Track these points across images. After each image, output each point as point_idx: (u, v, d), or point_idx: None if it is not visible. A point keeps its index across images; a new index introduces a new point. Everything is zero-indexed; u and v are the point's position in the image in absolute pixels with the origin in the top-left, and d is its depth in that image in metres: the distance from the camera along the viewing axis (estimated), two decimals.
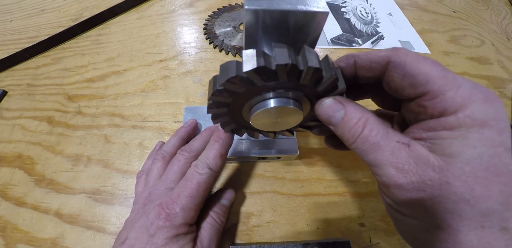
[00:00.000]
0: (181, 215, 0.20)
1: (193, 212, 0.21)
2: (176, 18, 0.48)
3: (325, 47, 0.45)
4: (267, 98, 0.19)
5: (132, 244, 0.20)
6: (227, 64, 0.17)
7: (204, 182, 0.22)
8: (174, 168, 0.24)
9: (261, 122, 0.21)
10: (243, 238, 0.26)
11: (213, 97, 0.18)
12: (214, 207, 0.25)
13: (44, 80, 0.38)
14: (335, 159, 0.32)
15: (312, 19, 0.16)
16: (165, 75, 0.39)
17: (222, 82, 0.16)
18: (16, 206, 0.28)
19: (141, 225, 0.20)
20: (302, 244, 0.24)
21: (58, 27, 0.44)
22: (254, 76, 0.16)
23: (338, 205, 0.29)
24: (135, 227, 0.21)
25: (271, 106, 0.19)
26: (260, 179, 0.30)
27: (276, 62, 0.15)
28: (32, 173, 0.30)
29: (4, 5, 0.50)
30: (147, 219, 0.21)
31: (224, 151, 0.23)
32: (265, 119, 0.21)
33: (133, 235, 0.20)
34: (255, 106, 0.20)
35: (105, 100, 0.36)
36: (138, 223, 0.21)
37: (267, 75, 0.16)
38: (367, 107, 0.17)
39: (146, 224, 0.20)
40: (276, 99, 0.19)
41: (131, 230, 0.21)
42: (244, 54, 0.15)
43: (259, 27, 0.17)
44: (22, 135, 0.33)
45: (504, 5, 0.60)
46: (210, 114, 0.20)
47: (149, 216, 0.21)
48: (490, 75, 0.45)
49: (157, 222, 0.20)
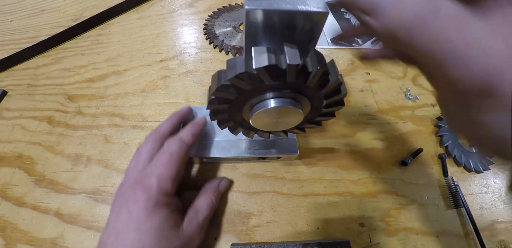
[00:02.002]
0: (156, 185, 0.21)
1: (169, 182, 0.22)
2: (176, 18, 0.48)
3: (325, 47, 0.45)
4: (270, 97, 0.19)
5: (115, 227, 0.20)
6: (235, 60, 0.17)
7: (176, 152, 0.23)
8: (142, 152, 0.24)
9: (261, 122, 0.21)
10: (243, 238, 0.26)
11: (217, 93, 0.17)
12: (212, 190, 0.26)
13: (44, 80, 0.38)
14: (335, 159, 0.32)
15: (312, 19, 0.16)
16: (165, 75, 0.39)
17: (229, 78, 0.16)
18: (16, 206, 0.28)
19: (121, 206, 0.21)
20: (302, 244, 0.24)
21: (58, 27, 0.44)
22: (264, 74, 0.16)
23: (338, 205, 0.29)
24: (115, 211, 0.21)
25: (274, 106, 0.19)
26: (260, 179, 0.30)
27: (288, 61, 0.15)
28: (32, 173, 0.30)
29: (4, 5, 0.50)
30: (125, 199, 0.21)
31: (196, 131, 0.26)
32: (266, 119, 0.20)
33: (114, 218, 0.21)
34: (257, 105, 0.19)
35: (105, 100, 0.36)
36: (117, 206, 0.22)
37: (276, 74, 0.16)
38: None
39: (125, 205, 0.21)
40: (280, 99, 0.19)
41: (111, 215, 0.22)
42: (254, 50, 0.15)
43: (259, 27, 0.17)
44: (22, 135, 0.33)
45: None
46: (209, 111, 0.20)
47: (126, 196, 0.22)
48: None
49: (134, 197, 0.21)
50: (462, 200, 0.29)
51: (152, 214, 0.20)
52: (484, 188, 0.32)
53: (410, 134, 0.35)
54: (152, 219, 0.20)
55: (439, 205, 0.30)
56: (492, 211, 0.30)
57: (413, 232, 0.28)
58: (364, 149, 0.33)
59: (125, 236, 0.19)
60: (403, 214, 0.29)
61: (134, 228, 0.20)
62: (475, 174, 0.33)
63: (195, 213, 0.24)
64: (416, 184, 0.31)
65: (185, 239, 0.22)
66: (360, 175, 0.31)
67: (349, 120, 0.36)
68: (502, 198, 0.31)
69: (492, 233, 0.29)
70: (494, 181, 0.33)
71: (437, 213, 0.29)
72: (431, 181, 0.32)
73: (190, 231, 0.22)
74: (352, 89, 0.39)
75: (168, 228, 0.21)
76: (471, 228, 0.28)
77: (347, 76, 0.41)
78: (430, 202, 0.30)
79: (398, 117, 0.37)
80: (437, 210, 0.30)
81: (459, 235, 0.28)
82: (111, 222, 0.21)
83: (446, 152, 0.34)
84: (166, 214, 0.21)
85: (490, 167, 0.33)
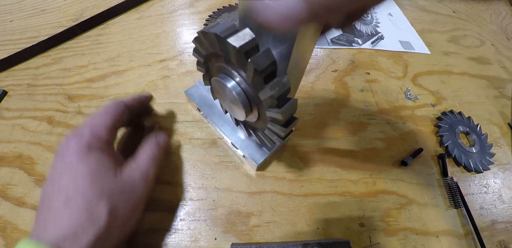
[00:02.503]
0: (88, 131, 0.22)
1: (103, 129, 0.23)
2: (176, 18, 0.48)
3: (325, 47, 0.45)
4: (220, 71, 0.21)
5: (51, 177, 0.21)
6: (223, 25, 0.18)
7: (111, 105, 0.25)
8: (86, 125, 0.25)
9: (217, 91, 0.23)
10: (243, 238, 0.26)
11: (195, 41, 0.21)
12: (151, 144, 0.26)
13: (44, 80, 0.38)
14: (335, 159, 0.32)
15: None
16: (165, 75, 0.39)
17: (202, 31, 0.19)
18: (16, 206, 0.28)
19: (56, 159, 0.21)
20: (302, 244, 0.24)
21: (58, 27, 0.44)
22: (214, 41, 0.17)
23: (338, 205, 0.29)
24: (52, 165, 0.21)
25: (216, 78, 0.21)
26: (260, 179, 0.30)
27: (211, 29, 0.17)
28: (32, 173, 0.30)
29: (4, 5, 0.50)
30: (60, 150, 0.22)
31: (137, 96, 0.28)
32: (219, 91, 0.22)
33: (50, 171, 0.21)
34: (218, 74, 0.21)
35: (105, 100, 0.36)
36: (53, 161, 0.22)
37: (224, 49, 0.17)
38: None
39: (59, 155, 0.21)
40: (223, 74, 0.21)
41: (50, 170, 0.22)
42: (222, 22, 0.17)
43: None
44: (22, 135, 0.33)
45: (504, 5, 0.61)
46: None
47: (60, 148, 0.22)
48: (490, 75, 0.45)
49: (67, 145, 0.21)
50: (462, 200, 0.29)
51: (85, 156, 0.20)
52: (484, 188, 0.32)
53: (410, 134, 0.35)
54: (85, 161, 0.20)
55: (439, 205, 0.30)
56: (492, 211, 0.30)
57: (413, 232, 0.28)
58: (364, 149, 0.33)
59: (60, 182, 0.19)
60: (403, 214, 0.29)
61: (68, 172, 0.20)
62: (475, 174, 0.33)
63: (135, 163, 0.23)
64: (416, 184, 0.31)
65: (123, 184, 0.21)
66: (360, 175, 0.31)
67: (349, 120, 0.36)
68: (502, 198, 0.31)
69: (492, 233, 0.29)
70: (494, 181, 0.33)
71: (437, 213, 0.29)
72: (431, 181, 0.32)
73: (130, 178, 0.22)
74: (352, 89, 0.39)
75: (104, 170, 0.20)
76: (471, 228, 0.28)
77: (347, 76, 0.41)
78: (430, 202, 0.30)
79: (398, 117, 0.37)
80: (437, 210, 0.30)
81: (459, 235, 0.28)
82: (48, 175, 0.21)
83: (446, 152, 0.34)
84: (100, 157, 0.21)
85: (490, 167, 0.33)
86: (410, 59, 0.45)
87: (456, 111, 0.37)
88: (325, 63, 0.42)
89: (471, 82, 0.43)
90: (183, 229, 0.27)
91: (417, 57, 0.45)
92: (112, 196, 0.20)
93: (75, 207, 0.18)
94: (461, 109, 0.38)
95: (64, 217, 0.18)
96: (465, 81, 0.43)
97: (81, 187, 0.19)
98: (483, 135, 0.36)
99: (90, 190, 0.19)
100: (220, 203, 0.28)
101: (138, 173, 0.23)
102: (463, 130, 0.36)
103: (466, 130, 0.36)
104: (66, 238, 0.17)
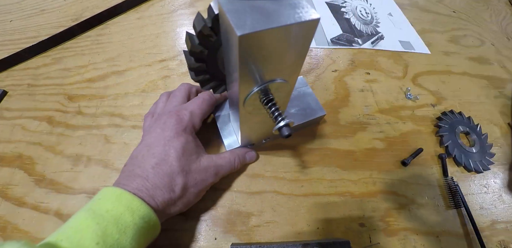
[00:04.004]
0: (188, 117, 0.26)
1: (198, 119, 0.27)
2: (176, 18, 0.48)
3: (325, 47, 0.45)
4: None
5: (147, 143, 0.24)
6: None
7: (206, 100, 0.28)
8: (177, 95, 0.29)
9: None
10: (243, 238, 0.26)
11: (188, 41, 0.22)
12: (238, 153, 0.29)
13: (44, 80, 0.38)
14: (335, 159, 0.32)
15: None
16: (165, 75, 0.39)
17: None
18: (16, 206, 0.28)
19: (155, 127, 0.25)
20: (302, 244, 0.24)
21: (58, 27, 0.44)
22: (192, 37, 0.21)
23: (338, 205, 0.29)
24: (150, 132, 0.25)
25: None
26: (260, 179, 0.30)
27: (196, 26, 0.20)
28: (32, 173, 0.30)
29: (4, 5, 0.50)
30: (161, 121, 0.25)
31: (216, 98, 0.32)
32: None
33: (146, 136, 0.25)
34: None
35: (105, 100, 0.36)
36: (152, 128, 0.25)
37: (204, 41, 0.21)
38: None
39: (159, 125, 0.25)
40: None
41: (144, 135, 0.26)
42: (199, 13, 0.20)
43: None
44: (22, 135, 0.33)
45: (504, 5, 0.61)
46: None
47: (162, 119, 0.26)
48: (490, 75, 0.45)
49: (169, 121, 0.25)
50: (462, 200, 0.29)
51: (179, 135, 0.24)
52: (484, 188, 0.32)
53: (410, 134, 0.35)
54: (178, 139, 0.24)
55: (439, 205, 0.30)
56: (492, 211, 0.30)
57: (413, 232, 0.28)
58: (364, 149, 0.33)
59: (155, 149, 0.23)
60: (403, 214, 0.29)
61: (163, 143, 0.24)
62: (475, 174, 0.33)
63: (216, 157, 0.27)
64: (416, 184, 0.31)
65: (199, 168, 0.25)
66: (360, 175, 0.31)
67: (349, 120, 0.36)
68: (502, 198, 0.31)
69: (492, 233, 0.29)
70: (494, 181, 0.33)
71: (437, 213, 0.29)
72: (431, 181, 0.32)
73: (205, 166, 0.25)
74: (352, 89, 0.39)
75: (189, 151, 0.24)
76: (471, 228, 0.28)
77: (347, 76, 0.41)
78: (430, 202, 0.30)
79: (398, 117, 0.37)
80: (437, 210, 0.30)
81: (459, 235, 0.28)
82: (144, 140, 0.25)
83: (446, 152, 0.34)
84: (190, 140, 0.25)
85: (490, 167, 0.33)
86: (410, 59, 0.45)
87: (456, 111, 0.37)
88: (325, 63, 0.42)
89: (471, 82, 0.43)
90: (183, 229, 0.27)
91: (417, 57, 0.45)
92: (188, 175, 0.24)
93: (161, 172, 0.22)
94: (461, 109, 0.38)
95: (150, 175, 0.22)
96: (465, 81, 0.43)
97: (170, 158, 0.23)
98: (483, 135, 0.36)
99: (175, 163, 0.23)
100: (220, 203, 0.28)
101: (213, 164, 0.26)
102: (463, 130, 0.36)
103: (466, 130, 0.36)
104: (147, 191, 0.21)
